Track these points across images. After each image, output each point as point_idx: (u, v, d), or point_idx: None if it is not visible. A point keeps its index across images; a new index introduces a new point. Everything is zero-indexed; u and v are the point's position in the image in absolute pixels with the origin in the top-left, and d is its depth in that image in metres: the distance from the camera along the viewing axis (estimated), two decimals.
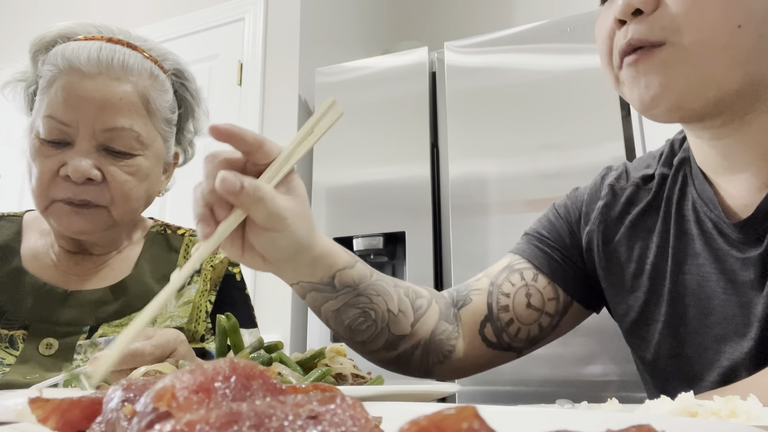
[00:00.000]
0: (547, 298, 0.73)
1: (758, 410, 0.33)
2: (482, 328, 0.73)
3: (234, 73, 2.53)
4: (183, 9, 2.72)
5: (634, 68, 0.57)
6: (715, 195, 0.63)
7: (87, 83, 0.76)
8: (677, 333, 0.64)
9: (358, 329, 0.66)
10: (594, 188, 0.77)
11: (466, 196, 1.98)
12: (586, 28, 1.95)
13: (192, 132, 0.96)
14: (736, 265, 0.60)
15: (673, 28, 0.54)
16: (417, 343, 0.68)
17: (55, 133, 0.76)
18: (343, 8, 2.89)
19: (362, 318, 0.65)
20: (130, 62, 0.80)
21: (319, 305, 0.65)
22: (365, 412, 0.18)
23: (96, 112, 0.76)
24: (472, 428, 0.16)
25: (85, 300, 0.82)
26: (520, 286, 0.73)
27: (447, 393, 0.53)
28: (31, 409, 0.24)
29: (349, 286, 0.64)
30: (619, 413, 0.32)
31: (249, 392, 0.21)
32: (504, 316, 0.72)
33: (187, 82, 0.90)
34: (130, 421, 0.20)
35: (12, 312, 0.80)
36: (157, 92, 0.83)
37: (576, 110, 1.91)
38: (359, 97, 2.27)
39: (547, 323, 0.73)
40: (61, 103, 0.76)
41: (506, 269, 0.75)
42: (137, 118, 0.79)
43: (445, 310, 0.73)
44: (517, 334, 0.72)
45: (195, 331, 0.88)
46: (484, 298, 0.74)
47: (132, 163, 0.80)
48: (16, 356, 0.77)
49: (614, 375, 1.67)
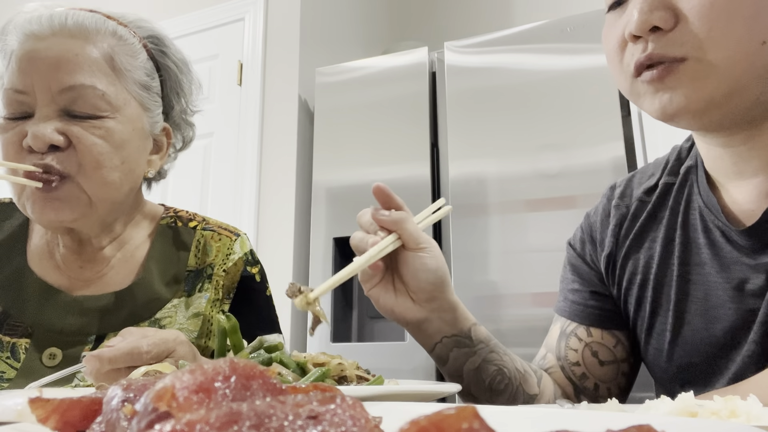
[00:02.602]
0: (611, 346, 0.72)
1: (758, 410, 0.33)
2: (578, 400, 0.73)
3: (234, 73, 2.53)
4: (183, 9, 2.72)
5: (658, 81, 0.56)
6: (718, 202, 0.63)
7: (39, 45, 0.71)
8: (686, 342, 0.65)
9: (498, 389, 0.66)
10: (603, 212, 0.76)
11: (466, 196, 1.98)
12: (586, 28, 1.95)
13: (183, 106, 0.87)
14: (746, 272, 0.60)
15: (696, 44, 0.53)
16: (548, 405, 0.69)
17: (15, 105, 0.71)
18: (343, 8, 2.89)
19: (500, 377, 0.66)
20: (87, 21, 0.74)
21: (461, 364, 0.66)
22: (365, 412, 0.18)
23: (50, 72, 0.69)
24: (472, 428, 0.16)
25: (90, 307, 0.77)
26: (582, 349, 0.73)
27: (447, 393, 0.53)
28: (31, 409, 0.24)
29: (483, 341, 0.67)
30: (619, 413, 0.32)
31: (249, 392, 0.21)
32: (587, 383, 0.72)
33: (166, 48, 0.83)
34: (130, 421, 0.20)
35: (16, 316, 0.75)
36: (124, 51, 0.76)
37: (576, 110, 1.91)
38: (359, 97, 2.27)
39: (627, 369, 0.73)
40: (15, 71, 0.70)
41: (562, 337, 0.75)
42: (100, 76, 0.72)
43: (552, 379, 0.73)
44: (609, 393, 0.72)
45: (206, 347, 0.81)
46: (561, 374, 0.73)
47: (100, 125, 0.72)
48: (17, 369, 0.72)
49: None
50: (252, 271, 0.88)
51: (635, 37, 0.56)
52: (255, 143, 2.39)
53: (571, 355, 0.73)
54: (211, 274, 0.84)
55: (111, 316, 0.78)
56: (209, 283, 0.83)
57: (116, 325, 0.77)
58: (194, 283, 0.83)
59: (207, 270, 0.84)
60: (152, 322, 0.79)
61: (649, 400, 0.40)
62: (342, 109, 2.28)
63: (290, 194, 2.28)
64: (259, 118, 2.41)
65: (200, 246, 0.86)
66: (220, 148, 2.48)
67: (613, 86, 1.87)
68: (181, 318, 0.81)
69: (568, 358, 0.73)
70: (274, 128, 2.39)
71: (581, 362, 0.72)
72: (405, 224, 0.61)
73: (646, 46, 0.56)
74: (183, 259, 0.85)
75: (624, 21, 0.58)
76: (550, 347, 0.76)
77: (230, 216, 2.34)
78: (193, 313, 0.81)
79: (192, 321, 0.81)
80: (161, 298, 0.81)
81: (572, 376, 0.73)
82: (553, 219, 1.82)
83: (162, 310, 0.80)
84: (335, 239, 2.13)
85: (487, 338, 0.68)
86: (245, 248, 0.88)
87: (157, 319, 0.79)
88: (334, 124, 2.27)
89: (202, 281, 0.83)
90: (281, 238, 2.25)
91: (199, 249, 0.86)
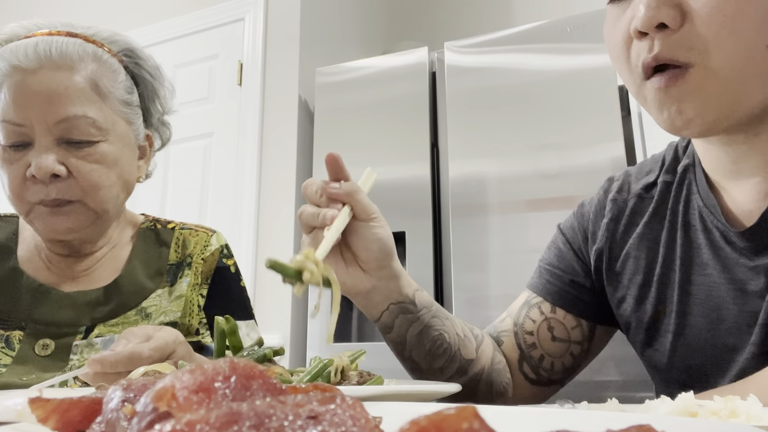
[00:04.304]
0: (570, 327, 0.74)
1: (758, 410, 0.33)
2: (521, 367, 0.74)
3: (234, 73, 2.53)
4: (183, 9, 2.72)
5: (665, 92, 0.55)
6: (718, 202, 0.63)
7: (30, 79, 0.76)
8: (688, 343, 0.64)
9: (437, 353, 0.67)
10: (598, 205, 0.76)
11: (466, 196, 1.98)
12: (586, 28, 1.95)
13: (160, 111, 0.94)
14: (746, 274, 0.60)
15: (701, 49, 0.52)
16: (482, 370, 0.70)
17: (14, 137, 0.76)
18: (343, 8, 2.89)
19: (440, 341, 0.67)
20: (69, 50, 0.79)
21: (405, 330, 0.67)
22: (365, 412, 0.18)
23: (45, 106, 0.75)
24: (472, 428, 0.16)
25: (80, 301, 0.83)
26: (540, 321, 0.74)
27: (447, 393, 0.53)
28: (31, 409, 0.24)
29: (426, 307, 0.68)
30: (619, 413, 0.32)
31: (249, 392, 0.21)
32: (534, 353, 0.74)
33: (141, 60, 0.89)
34: (130, 421, 0.20)
35: (8, 312, 0.80)
36: (106, 74, 0.82)
37: (576, 110, 1.91)
38: (359, 97, 2.27)
39: (578, 351, 0.74)
40: (10, 104, 0.76)
41: (525, 306, 0.76)
42: (89, 104, 0.78)
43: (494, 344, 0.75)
44: (552, 367, 0.74)
45: (189, 325, 0.88)
46: (512, 340, 0.75)
47: (94, 152, 0.78)
48: (12, 356, 0.77)
49: (614, 375, 1.67)
50: (227, 262, 0.95)
51: (641, 33, 0.55)
52: (255, 143, 2.39)
53: (527, 324, 0.75)
54: (191, 262, 0.91)
55: (100, 308, 0.83)
56: (189, 269, 0.91)
57: (105, 315, 0.83)
58: (176, 274, 0.91)
59: (187, 260, 0.92)
60: (139, 310, 0.85)
61: (649, 400, 0.40)
62: (342, 109, 2.28)
63: (290, 194, 2.28)
64: (259, 118, 2.41)
65: (179, 242, 0.93)
66: (220, 148, 2.48)
67: (614, 86, 1.87)
68: (165, 302, 0.87)
69: (524, 327, 0.75)
70: (274, 128, 2.39)
71: (535, 332, 0.74)
72: (357, 195, 0.61)
73: (652, 45, 0.54)
74: (164, 255, 0.92)
75: (629, 16, 0.57)
76: (511, 312, 0.78)
77: (230, 216, 2.35)
78: (176, 296, 0.88)
79: (175, 303, 0.88)
80: (146, 289, 0.87)
81: (522, 343, 0.74)
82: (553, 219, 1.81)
83: (147, 300, 0.86)
84: None
85: (429, 304, 0.69)
86: (221, 241, 0.96)
87: (143, 307, 0.86)
88: (334, 124, 2.27)
89: (183, 269, 0.91)
90: (281, 238, 2.25)
91: (179, 245, 0.93)
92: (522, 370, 0.74)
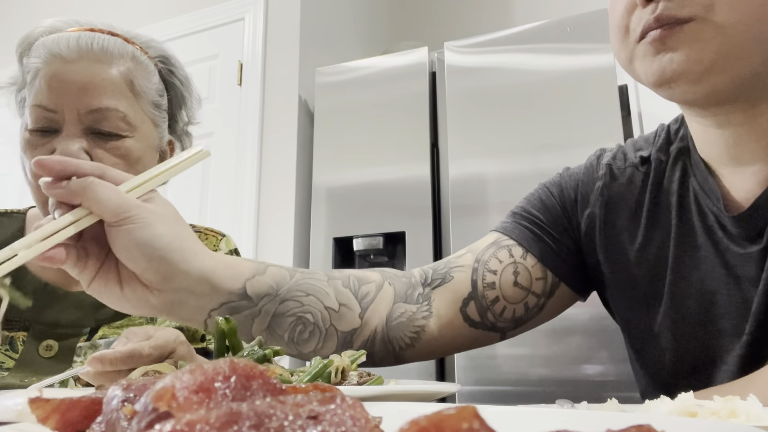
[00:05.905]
0: (534, 277, 0.70)
1: (758, 410, 0.33)
2: (464, 306, 0.69)
3: (234, 73, 2.53)
4: (183, 9, 2.72)
5: (660, 42, 0.54)
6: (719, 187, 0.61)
7: (68, 67, 0.77)
8: (677, 327, 0.64)
9: (302, 339, 0.60)
10: (590, 168, 0.74)
11: (466, 196, 1.98)
12: (586, 28, 1.95)
13: (185, 120, 0.95)
14: (737, 260, 0.59)
15: (706, 4, 0.52)
16: (373, 333, 0.64)
17: (42, 121, 0.77)
18: (343, 8, 2.89)
19: (301, 326, 0.59)
20: (110, 46, 0.80)
21: (248, 330, 0.58)
22: (365, 412, 0.18)
23: (79, 95, 0.77)
24: (472, 428, 0.16)
25: (85, 302, 0.82)
26: (508, 263, 0.70)
27: (447, 393, 0.53)
28: (31, 409, 0.24)
29: (268, 294, 0.59)
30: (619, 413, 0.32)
31: (249, 392, 0.21)
32: (489, 293, 0.69)
33: (173, 68, 0.91)
34: (130, 421, 0.20)
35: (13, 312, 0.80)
36: (141, 74, 0.83)
37: (576, 110, 1.91)
38: (359, 97, 2.27)
39: (533, 303, 0.70)
40: (45, 90, 0.77)
41: (493, 245, 0.72)
42: (122, 99, 0.80)
43: (404, 290, 0.69)
44: (502, 313, 0.69)
45: (195, 330, 0.87)
46: (468, 275, 0.70)
47: (120, 146, 0.79)
48: (15, 359, 0.77)
49: (614, 375, 1.67)
50: None
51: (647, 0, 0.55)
52: (255, 143, 2.39)
53: (492, 263, 0.70)
54: None
55: (105, 309, 0.83)
56: None
57: (110, 317, 0.83)
58: None
59: None
60: None
61: (649, 400, 0.40)
62: (342, 109, 2.28)
63: (290, 194, 2.28)
64: (259, 118, 2.41)
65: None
66: (220, 148, 2.48)
67: (614, 86, 1.87)
68: None
69: (489, 265, 0.70)
70: (274, 128, 2.39)
71: (498, 272, 0.69)
72: (92, 192, 0.47)
73: (656, 8, 0.54)
74: None
75: None
76: (474, 250, 0.72)
77: (230, 216, 2.35)
78: None
79: None
80: None
81: (480, 280, 0.69)
82: None
83: None
84: (335, 239, 2.13)
85: (273, 287, 0.59)
86: (230, 246, 0.96)
87: None
88: (334, 124, 2.27)
89: None
90: (281, 238, 2.25)
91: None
92: (464, 310, 0.69)
